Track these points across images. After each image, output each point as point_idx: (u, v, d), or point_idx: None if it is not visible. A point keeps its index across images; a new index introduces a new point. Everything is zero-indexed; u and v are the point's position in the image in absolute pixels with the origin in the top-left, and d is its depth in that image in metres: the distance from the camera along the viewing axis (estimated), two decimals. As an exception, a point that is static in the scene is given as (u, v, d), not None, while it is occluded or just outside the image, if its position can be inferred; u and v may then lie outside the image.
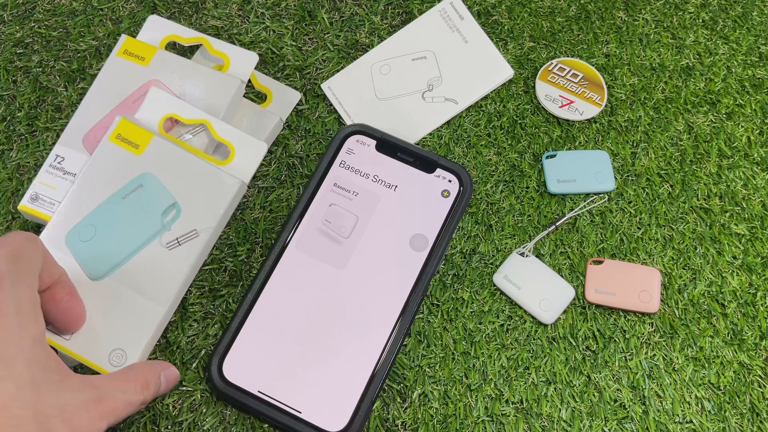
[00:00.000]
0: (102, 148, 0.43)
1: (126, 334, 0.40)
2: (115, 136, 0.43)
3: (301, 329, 0.42)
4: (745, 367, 0.43)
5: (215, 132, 0.44)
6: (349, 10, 0.53)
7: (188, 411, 0.41)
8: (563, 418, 0.42)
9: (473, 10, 0.53)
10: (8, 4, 0.53)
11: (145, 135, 0.43)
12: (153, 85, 0.46)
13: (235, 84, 0.46)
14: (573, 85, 0.50)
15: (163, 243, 0.41)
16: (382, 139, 0.47)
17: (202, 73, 0.46)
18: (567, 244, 0.46)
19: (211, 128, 0.44)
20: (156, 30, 0.48)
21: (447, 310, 0.44)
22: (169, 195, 0.42)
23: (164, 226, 0.41)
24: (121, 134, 0.43)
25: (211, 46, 0.48)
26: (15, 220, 0.46)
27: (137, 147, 0.43)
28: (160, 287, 0.41)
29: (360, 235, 0.44)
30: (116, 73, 0.46)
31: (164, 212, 0.42)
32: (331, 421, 0.40)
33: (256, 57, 0.47)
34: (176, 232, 0.42)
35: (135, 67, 0.46)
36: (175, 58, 0.47)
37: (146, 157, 0.43)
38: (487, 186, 0.48)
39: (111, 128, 0.44)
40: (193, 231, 0.42)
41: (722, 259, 0.46)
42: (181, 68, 0.46)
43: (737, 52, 0.53)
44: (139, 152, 0.43)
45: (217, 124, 0.44)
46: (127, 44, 0.47)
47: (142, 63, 0.47)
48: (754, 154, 0.49)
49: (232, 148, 0.44)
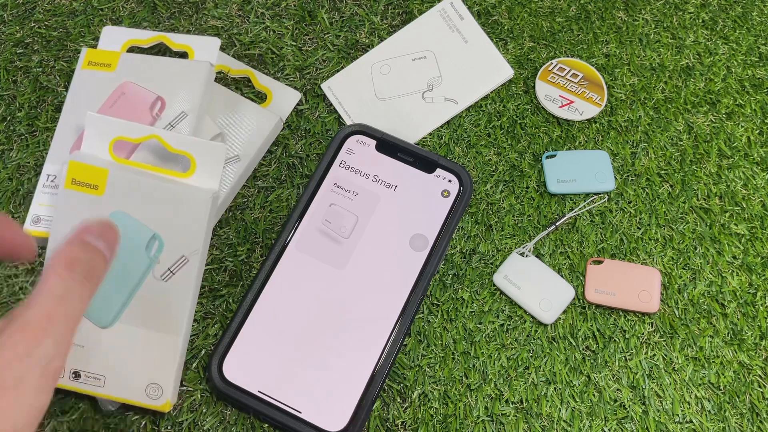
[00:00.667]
0: (61, 199, 0.41)
1: (154, 369, 0.40)
2: (71, 182, 0.41)
3: (301, 329, 0.42)
4: (745, 367, 0.43)
5: (169, 145, 0.42)
6: (349, 10, 0.53)
7: (188, 411, 0.41)
8: (563, 418, 0.42)
9: (473, 10, 0.53)
10: (8, 4, 0.53)
11: (99, 173, 0.41)
12: (124, 88, 0.46)
13: (205, 67, 0.45)
14: (573, 85, 0.50)
15: (157, 276, 0.40)
16: (382, 139, 0.47)
17: (169, 64, 0.46)
18: (567, 244, 0.46)
19: (163, 142, 0.42)
20: (113, 39, 0.48)
21: (447, 310, 0.44)
22: (146, 228, 0.41)
23: (152, 260, 0.40)
24: (75, 179, 0.41)
25: (172, 41, 0.48)
26: (15, 220, 0.46)
27: (96, 188, 0.41)
28: (170, 318, 0.40)
29: (360, 235, 0.44)
30: (86, 84, 0.46)
31: (147, 246, 0.40)
32: (331, 421, 0.40)
33: (217, 40, 0.47)
34: (166, 263, 0.41)
35: (103, 75, 0.46)
36: (140, 57, 0.47)
37: (109, 196, 0.41)
38: (487, 186, 0.48)
39: (63, 174, 0.41)
40: (181, 258, 0.41)
41: (722, 259, 0.46)
42: (148, 65, 0.46)
43: (737, 52, 0.53)
44: (100, 193, 0.41)
45: (168, 137, 0.42)
46: (90, 55, 0.47)
47: (109, 69, 0.46)
48: (754, 154, 0.49)
49: (191, 157, 0.42)
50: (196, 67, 0.46)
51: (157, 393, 0.39)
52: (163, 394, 0.39)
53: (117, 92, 0.46)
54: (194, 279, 0.41)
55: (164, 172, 0.42)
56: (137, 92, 0.46)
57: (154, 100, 0.45)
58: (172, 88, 0.45)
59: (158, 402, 0.39)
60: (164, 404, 0.39)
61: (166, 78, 0.46)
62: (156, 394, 0.39)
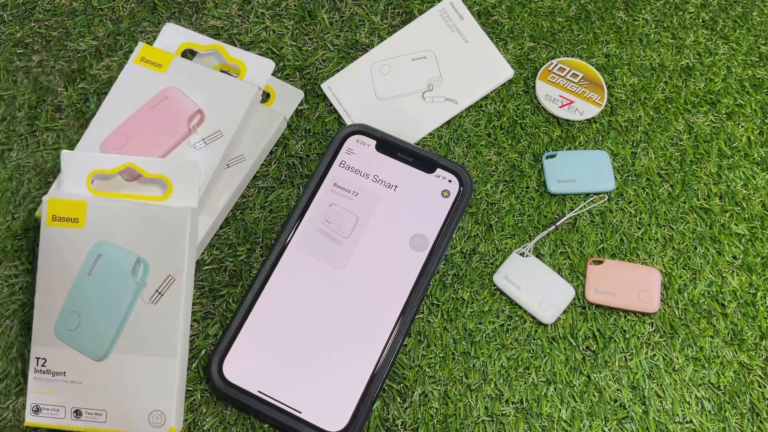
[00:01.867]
0: (45, 235, 0.42)
1: (154, 395, 0.40)
2: (51, 219, 0.41)
3: (301, 329, 0.42)
4: (745, 367, 0.43)
5: (144, 171, 0.43)
6: (349, 10, 0.53)
7: (188, 411, 0.41)
8: (563, 418, 0.42)
9: (473, 10, 0.53)
10: (8, 4, 0.53)
11: (78, 205, 0.42)
12: (168, 93, 0.46)
13: (252, 90, 0.46)
14: (573, 85, 0.50)
15: (146, 299, 0.41)
16: (382, 139, 0.47)
17: (218, 79, 0.46)
18: (567, 244, 0.46)
19: (138, 169, 0.43)
20: (172, 38, 0.49)
21: (447, 310, 0.44)
22: (130, 253, 0.41)
23: (139, 285, 0.40)
24: (55, 215, 0.42)
25: (228, 54, 0.48)
26: (15, 220, 0.46)
27: (77, 221, 0.41)
28: (163, 341, 0.40)
29: (360, 235, 0.44)
30: (133, 81, 0.47)
31: (133, 271, 0.41)
32: (331, 421, 0.40)
33: (272, 64, 0.47)
34: (153, 285, 0.41)
35: (152, 74, 0.47)
36: (191, 66, 0.47)
37: (90, 227, 0.41)
38: (487, 186, 0.48)
39: (43, 214, 0.42)
40: (168, 278, 0.41)
41: (722, 259, 0.46)
42: (198, 75, 0.46)
43: (737, 52, 0.53)
44: (81, 225, 0.41)
45: (142, 163, 0.43)
46: (144, 51, 0.47)
47: (159, 70, 0.47)
48: (754, 154, 0.49)
49: (167, 179, 0.43)
50: (243, 89, 0.46)
51: (160, 420, 0.39)
52: (166, 421, 0.39)
53: (161, 95, 0.46)
54: (183, 298, 0.41)
55: (142, 198, 0.43)
56: (180, 100, 0.46)
57: (194, 112, 0.46)
58: (215, 103, 0.46)
59: (162, 429, 0.39)
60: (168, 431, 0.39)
61: (213, 92, 0.46)
62: (159, 422, 0.39)
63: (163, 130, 0.45)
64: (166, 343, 0.40)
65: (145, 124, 0.45)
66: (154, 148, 0.45)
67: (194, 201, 0.43)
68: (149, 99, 0.46)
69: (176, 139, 0.45)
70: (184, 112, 0.46)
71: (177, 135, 0.45)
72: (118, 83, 0.47)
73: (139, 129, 0.45)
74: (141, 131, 0.45)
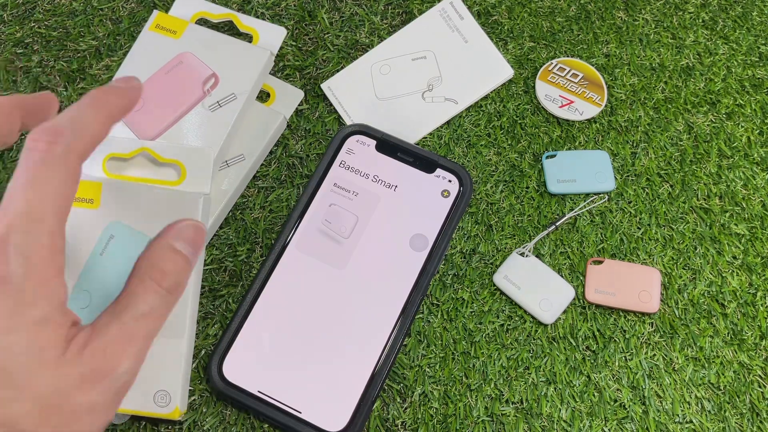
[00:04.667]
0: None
1: (160, 375, 0.40)
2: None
3: (301, 329, 0.42)
4: (745, 367, 0.43)
5: (159, 155, 0.44)
6: (349, 10, 0.53)
7: (188, 411, 0.41)
8: (563, 418, 0.42)
9: (473, 10, 0.53)
10: (8, 4, 0.53)
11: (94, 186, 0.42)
12: (183, 58, 0.47)
13: (265, 54, 0.47)
14: (573, 85, 0.50)
15: None
16: (382, 139, 0.47)
17: (232, 44, 0.48)
18: (567, 244, 0.46)
19: (153, 153, 0.44)
20: (186, 7, 0.50)
21: (447, 310, 0.44)
22: (144, 236, 0.41)
23: None
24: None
25: (240, 22, 0.49)
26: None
27: (92, 201, 0.42)
28: (172, 321, 0.40)
29: (360, 235, 0.44)
30: (149, 46, 0.48)
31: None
32: (331, 421, 0.40)
33: (284, 30, 0.49)
34: None
35: (167, 41, 0.48)
36: (205, 31, 0.48)
37: (105, 207, 0.42)
38: (487, 186, 0.48)
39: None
40: None
41: (722, 259, 0.46)
42: (212, 41, 0.48)
43: (737, 52, 0.53)
44: (95, 206, 0.42)
45: (158, 147, 0.44)
46: (159, 19, 0.48)
47: (174, 36, 0.48)
48: (754, 154, 0.49)
49: (181, 164, 0.44)
50: (256, 53, 0.47)
51: (165, 400, 0.39)
52: (171, 401, 0.39)
53: (175, 60, 0.47)
54: (194, 280, 0.41)
55: (156, 182, 0.44)
56: (194, 64, 0.47)
57: (208, 76, 0.47)
58: (228, 67, 0.47)
59: (167, 410, 0.39)
60: (173, 411, 0.39)
61: (226, 57, 0.47)
62: (164, 402, 0.39)
63: (178, 92, 0.47)
64: (175, 324, 0.40)
65: (161, 88, 0.47)
66: (170, 110, 0.46)
67: (207, 187, 0.44)
68: (165, 64, 0.47)
69: (191, 101, 0.46)
70: (199, 76, 0.47)
71: (192, 97, 0.46)
72: (133, 50, 0.48)
73: (154, 92, 0.47)
74: (157, 94, 0.47)
